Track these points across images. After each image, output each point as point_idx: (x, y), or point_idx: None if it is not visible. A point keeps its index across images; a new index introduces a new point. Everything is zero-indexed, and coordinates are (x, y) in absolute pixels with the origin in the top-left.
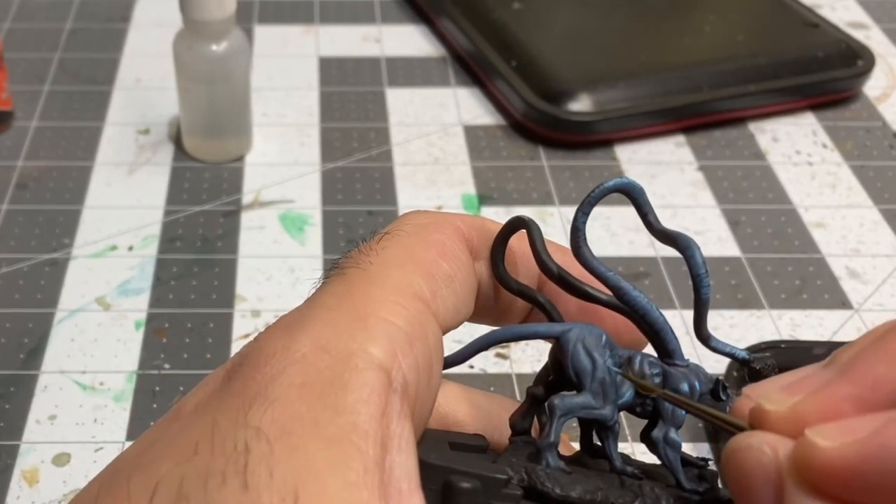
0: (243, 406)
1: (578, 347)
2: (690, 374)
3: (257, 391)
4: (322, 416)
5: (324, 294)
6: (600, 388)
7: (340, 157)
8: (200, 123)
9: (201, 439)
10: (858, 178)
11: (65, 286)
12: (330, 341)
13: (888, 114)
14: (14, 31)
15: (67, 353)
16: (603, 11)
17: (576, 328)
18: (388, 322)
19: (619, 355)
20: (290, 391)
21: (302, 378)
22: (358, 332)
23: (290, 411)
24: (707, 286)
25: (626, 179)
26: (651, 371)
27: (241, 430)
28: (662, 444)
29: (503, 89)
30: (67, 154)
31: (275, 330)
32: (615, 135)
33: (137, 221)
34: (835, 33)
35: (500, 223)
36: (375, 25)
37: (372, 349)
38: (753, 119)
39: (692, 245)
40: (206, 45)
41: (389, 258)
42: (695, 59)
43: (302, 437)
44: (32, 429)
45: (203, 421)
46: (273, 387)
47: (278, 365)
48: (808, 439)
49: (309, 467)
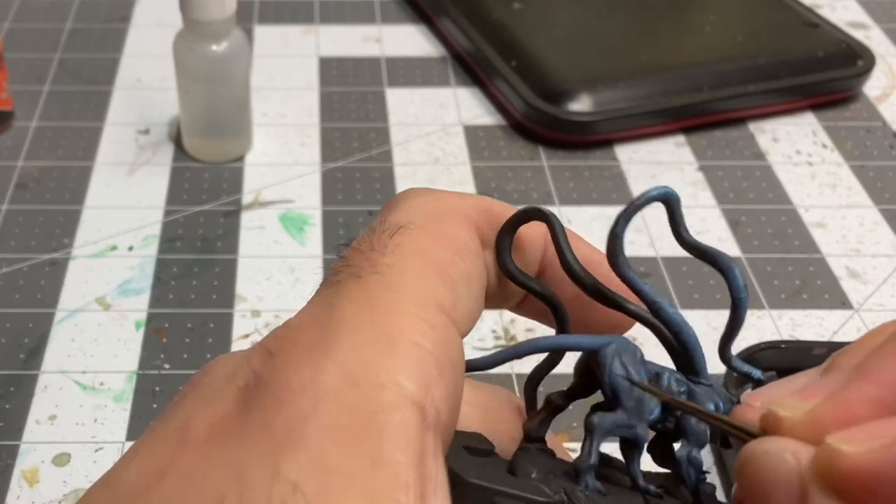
0: (273, 452)
1: (616, 363)
2: (713, 393)
3: (287, 434)
4: (360, 468)
5: (343, 304)
6: (636, 405)
7: (340, 157)
8: (200, 123)
9: (227, 490)
10: (858, 178)
11: (65, 286)
12: (358, 371)
13: (888, 114)
14: (14, 31)
15: (67, 353)
16: (603, 11)
17: (615, 342)
18: (417, 346)
19: (649, 370)
20: (323, 436)
21: (334, 419)
22: (386, 359)
23: (326, 463)
24: (745, 308)
25: (667, 189)
26: (678, 388)
27: (274, 485)
28: (686, 463)
29: (503, 89)
30: (67, 154)
31: (298, 353)
32: (615, 135)
33: (137, 221)
34: (835, 33)
35: (506, 205)
36: (375, 25)
37: (404, 382)
38: (753, 119)
39: (732, 266)
40: (207, 45)
41: (407, 260)
42: (695, 59)
43: (343, 496)
44: (32, 429)
45: (225, 465)
46: (305, 430)
47: (307, 402)
48: (831, 446)
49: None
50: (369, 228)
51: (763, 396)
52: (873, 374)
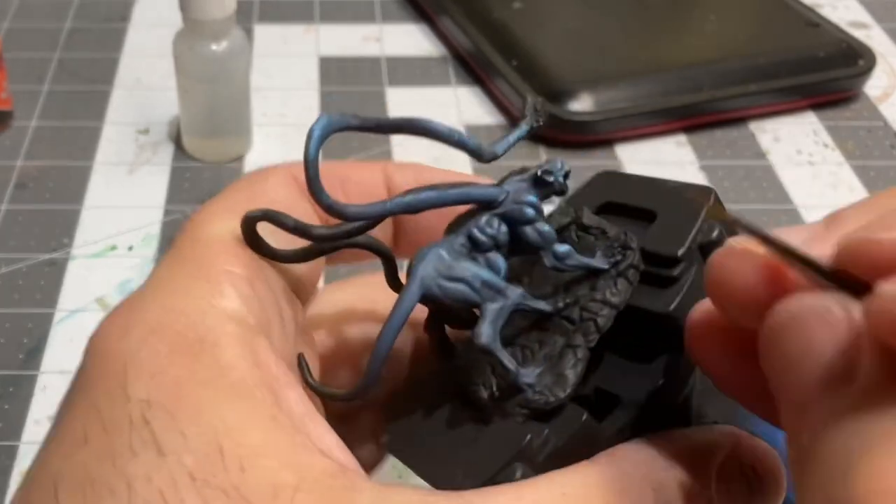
0: (117, 382)
1: (443, 283)
2: (519, 198)
3: (122, 367)
4: (208, 376)
5: (157, 268)
6: (487, 288)
7: (340, 157)
8: (200, 123)
9: (88, 425)
10: (860, 178)
11: (64, 286)
12: (178, 301)
13: (889, 113)
14: (13, 30)
15: (67, 353)
16: (604, 11)
17: (418, 276)
18: (227, 272)
19: (462, 245)
20: (161, 360)
21: (167, 345)
22: (201, 289)
23: (173, 378)
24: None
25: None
26: (494, 228)
27: (128, 406)
28: (560, 262)
29: (504, 89)
30: (67, 154)
31: (108, 322)
32: (616, 134)
33: (137, 221)
34: (836, 33)
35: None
36: (376, 25)
37: (222, 303)
38: (754, 119)
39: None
40: (206, 44)
41: (212, 214)
42: (696, 58)
43: (201, 399)
44: (32, 429)
45: (80, 409)
46: (139, 358)
47: (136, 337)
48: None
49: (222, 422)
50: None
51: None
52: None
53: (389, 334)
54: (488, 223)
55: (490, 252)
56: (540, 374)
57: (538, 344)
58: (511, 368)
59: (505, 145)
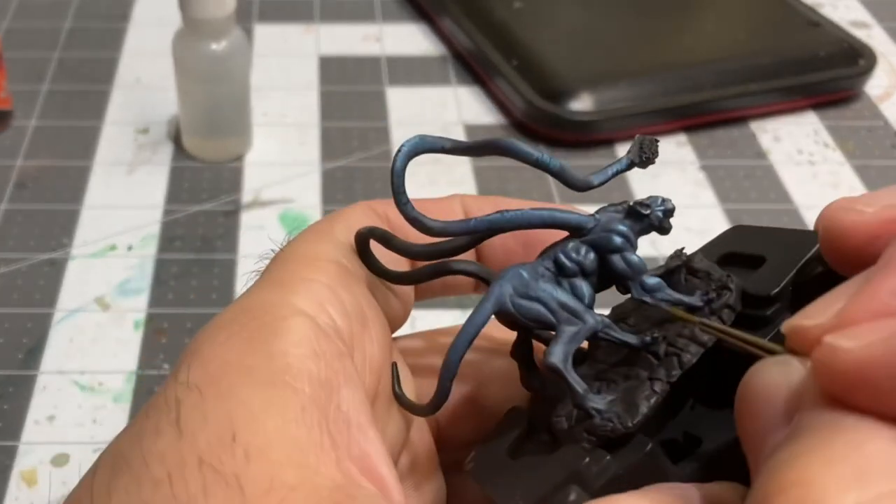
0: (176, 371)
1: (518, 301)
2: (609, 226)
3: (189, 357)
4: (254, 362)
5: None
6: (567, 312)
7: (340, 157)
8: (200, 123)
9: (140, 413)
10: (860, 178)
11: (64, 286)
12: (254, 303)
13: (890, 113)
14: (13, 30)
15: (66, 353)
16: (604, 10)
17: (496, 291)
18: (309, 280)
19: (547, 268)
20: (216, 347)
21: (227, 334)
22: (277, 290)
23: (219, 362)
24: (545, 156)
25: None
26: (581, 255)
27: (171, 389)
28: (649, 296)
29: (504, 88)
30: (66, 153)
31: (211, 322)
32: (617, 134)
33: (137, 221)
34: (836, 32)
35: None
36: (376, 24)
37: (294, 300)
38: (755, 118)
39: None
40: (206, 44)
41: (299, 241)
42: (696, 58)
43: (234, 383)
44: (31, 429)
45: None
46: (201, 348)
47: (208, 333)
48: (829, 344)
49: (244, 409)
50: None
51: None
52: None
53: (460, 347)
54: (575, 248)
55: (575, 278)
56: (611, 401)
57: (623, 378)
58: (579, 391)
59: (602, 177)
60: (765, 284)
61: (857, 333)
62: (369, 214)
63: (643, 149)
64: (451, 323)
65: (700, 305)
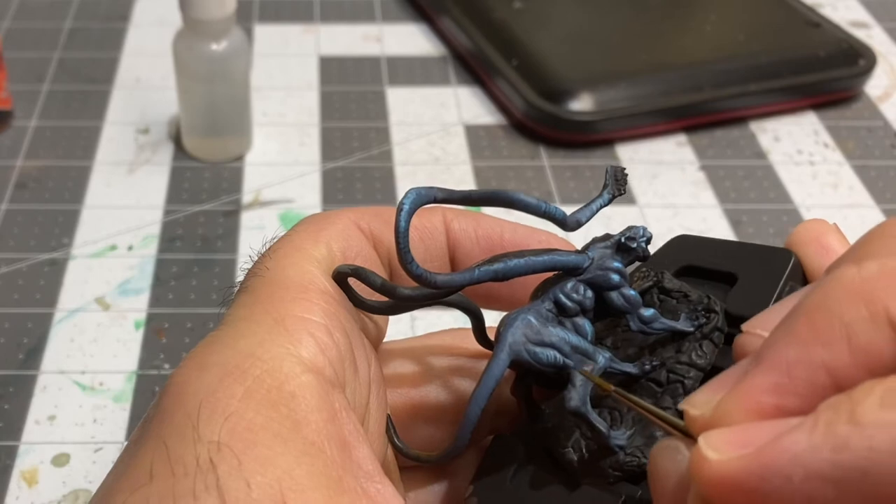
0: (189, 421)
1: (532, 349)
2: (604, 264)
3: (196, 406)
4: (282, 428)
5: (233, 309)
6: (577, 353)
7: (341, 157)
8: (200, 123)
9: (155, 462)
10: (860, 178)
11: (64, 286)
12: (256, 348)
13: (890, 113)
14: (13, 30)
15: (67, 353)
16: (604, 11)
17: (509, 340)
18: (304, 319)
19: (549, 310)
20: (236, 403)
21: (242, 388)
22: (280, 336)
23: (246, 423)
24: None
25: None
26: (580, 293)
27: (197, 446)
28: (647, 327)
29: (504, 88)
30: (67, 153)
31: (186, 361)
32: (616, 134)
33: (137, 221)
34: (836, 32)
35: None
36: (376, 24)
37: (300, 352)
38: (755, 118)
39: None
40: (206, 44)
41: (283, 259)
42: (696, 58)
43: (271, 449)
44: (31, 429)
45: (150, 444)
46: (214, 398)
47: (212, 378)
48: (699, 450)
49: (290, 478)
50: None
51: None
52: (768, 359)
53: (480, 401)
54: (574, 289)
55: (577, 317)
56: (630, 436)
57: (626, 407)
58: (603, 431)
59: (588, 214)
60: (748, 304)
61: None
62: (353, 231)
63: (618, 180)
64: (451, 323)
65: (691, 331)
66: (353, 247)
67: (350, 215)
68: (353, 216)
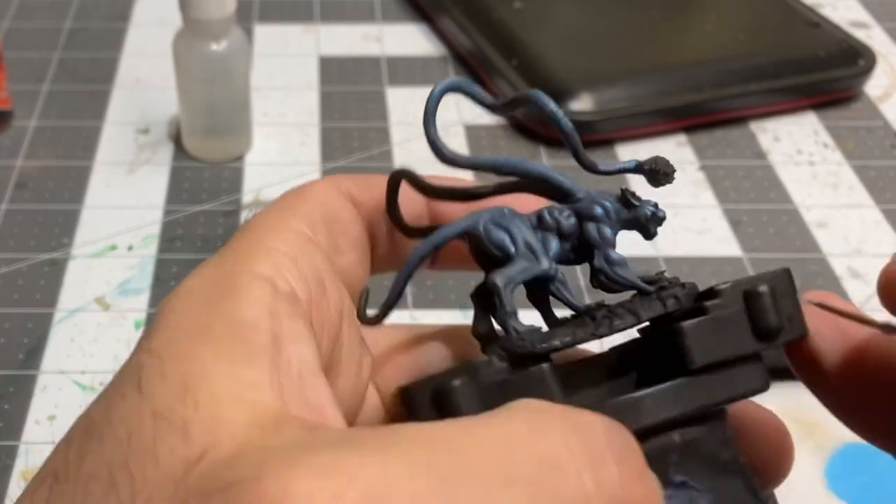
0: (142, 341)
1: (488, 226)
2: (596, 199)
3: (152, 329)
4: (213, 322)
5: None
6: (527, 249)
7: (341, 157)
8: (200, 123)
9: (110, 381)
10: (860, 178)
11: (64, 286)
12: (217, 273)
13: (890, 113)
14: (13, 30)
15: (67, 353)
16: (604, 11)
17: (473, 214)
18: (273, 249)
19: (529, 218)
20: (181, 315)
21: (189, 302)
22: (239, 258)
23: (179, 327)
24: (564, 117)
25: (451, 79)
26: (562, 215)
27: (135, 356)
28: (608, 267)
29: (504, 88)
30: (67, 154)
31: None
32: (616, 134)
33: (137, 221)
34: (836, 33)
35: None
36: (376, 24)
37: (255, 267)
38: (755, 118)
39: (535, 93)
40: (206, 44)
41: (265, 215)
42: (696, 58)
43: (189, 343)
44: (31, 429)
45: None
46: (167, 316)
47: (173, 303)
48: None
49: (196, 362)
50: None
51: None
52: None
53: (423, 250)
54: (559, 210)
55: (550, 233)
56: (533, 329)
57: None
58: (507, 309)
59: (608, 167)
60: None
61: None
62: (334, 192)
63: (655, 170)
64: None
65: (649, 291)
66: (333, 202)
67: (332, 179)
68: (335, 179)
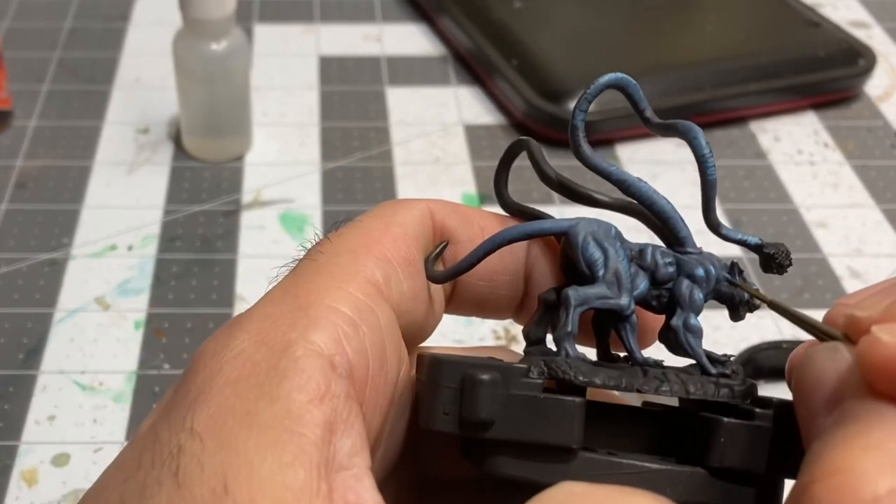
0: (182, 411)
1: (588, 239)
2: (704, 260)
3: (197, 394)
4: (255, 406)
5: (271, 290)
6: (614, 278)
7: (341, 157)
8: (200, 123)
9: (144, 452)
10: (860, 178)
11: (64, 286)
12: (268, 332)
13: (890, 113)
14: (13, 30)
15: (67, 353)
16: (604, 10)
17: (583, 221)
18: (331, 308)
19: (631, 248)
20: (225, 388)
21: (238, 373)
22: (298, 321)
23: (224, 406)
24: (713, 167)
25: (620, 75)
26: (664, 260)
27: (176, 435)
28: (683, 331)
29: (504, 88)
30: (66, 153)
31: (217, 332)
32: (616, 134)
33: (137, 221)
34: (836, 32)
35: (477, 209)
36: (376, 24)
37: (312, 336)
38: (755, 118)
39: (693, 128)
40: (206, 44)
41: (342, 245)
42: (696, 58)
43: (233, 429)
44: (31, 429)
45: (147, 435)
46: (210, 386)
47: (216, 364)
48: (872, 335)
49: (238, 455)
50: None
51: (853, 298)
52: None
53: (515, 233)
54: (663, 253)
55: (643, 271)
56: (584, 359)
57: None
58: (567, 328)
59: (730, 232)
60: None
61: (894, 330)
62: (425, 222)
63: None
64: (464, 326)
65: (712, 372)
66: (419, 237)
67: (429, 204)
68: (431, 206)
